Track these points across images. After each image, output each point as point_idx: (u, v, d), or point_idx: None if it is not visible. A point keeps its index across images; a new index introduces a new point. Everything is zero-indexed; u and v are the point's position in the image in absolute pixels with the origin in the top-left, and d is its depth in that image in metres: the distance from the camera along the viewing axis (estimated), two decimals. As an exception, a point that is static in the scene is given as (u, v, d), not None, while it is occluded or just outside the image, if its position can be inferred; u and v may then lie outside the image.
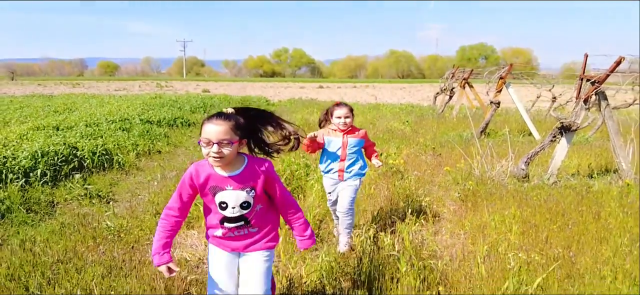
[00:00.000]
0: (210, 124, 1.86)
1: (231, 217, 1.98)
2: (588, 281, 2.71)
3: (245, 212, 1.98)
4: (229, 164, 1.93)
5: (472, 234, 3.62)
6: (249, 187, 1.95)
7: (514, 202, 4.18)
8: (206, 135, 1.85)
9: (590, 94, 5.24)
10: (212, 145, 1.83)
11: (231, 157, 1.90)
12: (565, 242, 3.30)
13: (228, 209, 1.96)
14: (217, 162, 1.87)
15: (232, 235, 2.02)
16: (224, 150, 1.85)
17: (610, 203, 4.15)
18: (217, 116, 1.89)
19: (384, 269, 2.80)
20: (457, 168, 5.39)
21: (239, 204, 1.96)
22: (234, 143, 1.87)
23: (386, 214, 4.16)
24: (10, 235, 3.67)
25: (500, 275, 2.68)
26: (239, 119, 1.93)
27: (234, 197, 1.94)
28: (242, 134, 1.94)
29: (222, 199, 1.95)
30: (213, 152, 1.83)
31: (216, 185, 1.94)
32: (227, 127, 1.85)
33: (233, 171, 1.94)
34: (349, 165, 3.38)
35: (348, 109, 3.36)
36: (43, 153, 5.51)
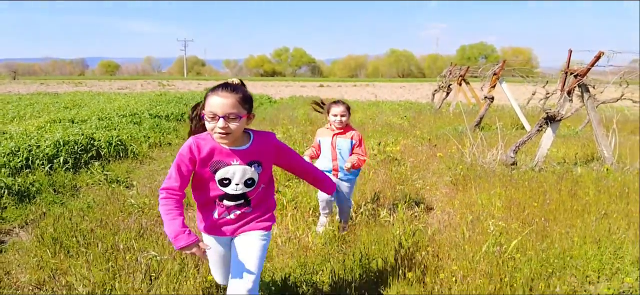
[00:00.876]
0: (215, 95, 1.69)
1: (232, 194, 1.83)
2: (558, 243, 3.11)
3: (248, 190, 1.85)
4: (236, 140, 1.78)
5: (460, 210, 4.02)
6: (257, 163, 1.82)
7: (500, 184, 4.58)
8: (211, 108, 1.68)
9: (574, 87, 5.64)
10: (218, 120, 1.66)
11: (238, 133, 1.74)
12: (543, 215, 3.70)
13: (230, 186, 1.81)
14: (223, 138, 1.71)
15: (228, 216, 1.88)
16: (230, 126, 1.68)
17: (588, 184, 4.55)
18: (223, 87, 1.72)
19: (379, 236, 3.20)
20: (449, 154, 5.79)
21: (244, 181, 1.82)
22: (242, 117, 1.71)
23: (383, 194, 4.56)
24: (45, 212, 4.08)
25: (481, 238, 3.08)
26: (247, 91, 1.78)
27: (239, 173, 1.79)
28: (250, 108, 1.78)
29: (224, 175, 1.79)
30: (219, 128, 1.67)
31: (220, 160, 1.78)
32: (234, 100, 1.68)
33: (240, 145, 1.80)
34: (342, 167, 3.39)
35: (344, 107, 3.40)
36: (64, 142, 5.91)
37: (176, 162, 1.79)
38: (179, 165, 1.78)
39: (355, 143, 3.42)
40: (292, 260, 2.90)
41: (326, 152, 3.44)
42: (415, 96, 25.58)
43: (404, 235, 3.05)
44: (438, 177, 5.49)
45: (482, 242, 3.04)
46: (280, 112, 12.76)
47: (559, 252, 3.00)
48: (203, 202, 1.88)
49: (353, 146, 3.42)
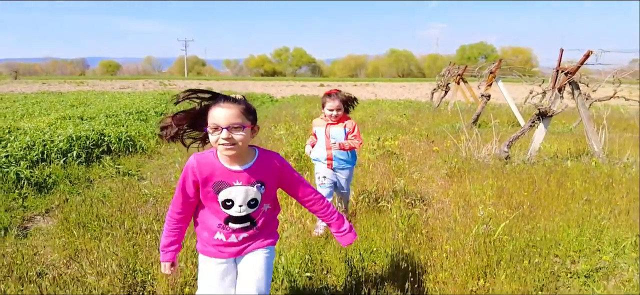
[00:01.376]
0: (217, 107, 1.66)
1: (237, 216, 1.77)
2: (542, 226, 3.37)
3: (252, 210, 1.79)
4: (240, 156, 1.72)
5: (454, 199, 4.27)
6: (259, 183, 1.76)
7: (492, 176, 4.84)
8: (213, 120, 1.65)
9: (564, 84, 5.90)
10: (221, 131, 1.62)
11: (245, 145, 1.69)
12: (531, 202, 3.96)
13: (234, 207, 1.75)
14: (229, 150, 1.65)
15: (235, 239, 1.82)
16: (235, 136, 1.64)
17: (575, 176, 4.81)
18: (225, 99, 1.69)
19: (378, 220, 3.45)
20: (445, 149, 6.05)
21: (247, 202, 1.76)
22: (246, 127, 1.66)
23: (382, 185, 4.81)
24: (63, 202, 4.34)
25: (471, 221, 3.34)
26: (250, 104, 1.74)
27: (242, 194, 1.74)
28: (254, 119, 1.74)
29: (227, 196, 1.74)
30: (222, 139, 1.63)
31: (222, 180, 1.72)
32: (237, 110, 1.65)
33: (243, 164, 1.73)
34: (336, 155, 3.46)
35: (339, 102, 3.41)
36: (76, 137, 6.18)
37: (180, 183, 1.77)
38: (183, 187, 1.76)
39: (348, 130, 3.46)
40: (298, 240, 3.16)
41: (321, 141, 3.51)
42: (414, 95, 25.83)
43: (400, 219, 3.31)
44: (434, 170, 5.74)
45: (472, 225, 3.30)
46: (282, 110, 13.02)
47: (543, 234, 3.26)
48: (208, 224, 1.81)
49: (347, 134, 3.46)
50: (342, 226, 1.95)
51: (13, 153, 5.25)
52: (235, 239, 1.81)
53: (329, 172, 3.49)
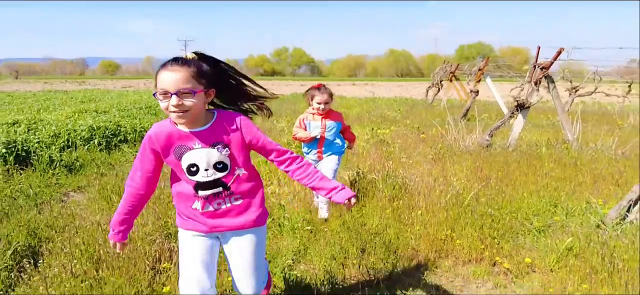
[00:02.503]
0: (164, 70, 1.54)
1: (205, 181, 1.66)
2: (508, 194, 3.98)
3: (222, 175, 1.67)
4: (195, 120, 1.61)
5: (436, 176, 4.88)
6: (221, 144, 1.65)
7: (472, 159, 5.45)
8: (162, 85, 1.53)
9: (540, 78, 6.50)
10: (170, 97, 1.51)
11: (197, 111, 1.58)
12: (500, 178, 4.56)
13: (200, 173, 1.65)
14: (181, 118, 1.55)
15: (211, 208, 1.70)
16: (185, 102, 1.52)
17: (546, 158, 5.42)
18: (173, 61, 1.56)
19: (367, 189, 4.05)
20: (431, 136, 6.66)
21: (212, 165, 1.65)
22: (197, 93, 1.54)
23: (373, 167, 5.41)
24: (99, 175, 4.94)
25: (446, 189, 3.94)
26: (202, 65, 1.61)
27: (204, 157, 1.63)
28: (208, 83, 1.62)
29: (190, 161, 1.64)
30: (172, 105, 1.51)
31: (181, 144, 1.63)
32: (186, 74, 1.53)
33: (199, 126, 1.63)
34: (328, 146, 3.61)
35: (328, 95, 3.51)
36: (96, 127, 6.77)
37: (137, 156, 1.69)
38: (141, 159, 1.68)
39: (342, 125, 3.65)
40: (300, 204, 3.76)
41: (315, 134, 3.56)
42: (411, 94, 26.45)
43: (386, 188, 3.91)
44: (422, 156, 6.35)
45: (445, 192, 3.90)
46: (282, 106, 13.61)
47: (507, 200, 3.86)
48: (182, 196, 1.72)
49: (342, 128, 3.66)
50: (332, 184, 1.78)
51: (43, 140, 5.84)
52: (211, 206, 1.70)
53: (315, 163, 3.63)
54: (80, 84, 42.59)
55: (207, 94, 1.62)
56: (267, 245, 2.89)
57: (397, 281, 2.72)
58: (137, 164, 1.69)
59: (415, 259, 2.99)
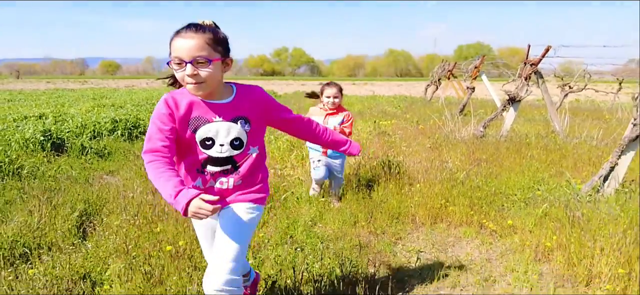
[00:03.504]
0: (178, 37, 1.45)
1: (217, 157, 1.58)
2: (496, 173, 4.50)
3: (236, 153, 1.60)
4: (216, 92, 1.55)
5: (433, 159, 5.40)
6: (243, 119, 1.58)
7: (466, 146, 5.97)
8: (176, 53, 1.45)
9: (530, 74, 7.03)
10: (185, 66, 1.43)
11: (214, 82, 1.50)
12: (490, 161, 5.09)
13: (214, 147, 1.57)
14: (197, 88, 1.47)
15: (214, 184, 1.63)
16: (201, 73, 1.44)
17: (533, 146, 5.95)
18: (188, 27, 1.46)
19: (372, 174, 4.57)
20: (429, 127, 7.19)
21: (230, 141, 1.58)
22: (213, 61, 1.46)
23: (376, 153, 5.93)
24: (123, 165, 5.45)
25: (441, 169, 4.46)
26: (218, 32, 1.51)
27: (223, 131, 1.56)
28: (225, 51, 1.53)
29: (207, 134, 1.55)
30: (187, 75, 1.44)
31: (200, 115, 1.53)
32: (202, 41, 1.44)
33: (222, 99, 1.57)
34: None
35: (337, 89, 3.64)
36: (118, 120, 7.29)
37: (153, 122, 1.52)
38: (158, 125, 1.51)
39: (344, 120, 3.72)
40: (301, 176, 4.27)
41: None
42: (411, 93, 26.98)
43: (387, 167, 4.43)
44: (421, 146, 6.87)
45: (441, 172, 4.42)
46: (287, 102, 14.14)
47: (494, 178, 4.38)
48: (185, 170, 1.62)
49: (342, 123, 3.71)
50: (343, 141, 2.01)
51: (73, 130, 6.36)
52: (214, 184, 1.61)
53: (323, 158, 3.75)
54: (83, 83, 43.07)
55: (224, 63, 1.53)
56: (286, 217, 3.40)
57: (400, 238, 3.25)
58: (152, 130, 1.51)
59: (415, 223, 3.51)
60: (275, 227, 3.26)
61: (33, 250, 2.71)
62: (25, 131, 5.60)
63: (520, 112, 11.24)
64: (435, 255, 3.00)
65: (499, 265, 2.85)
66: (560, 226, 3.02)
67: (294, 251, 2.82)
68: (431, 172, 4.43)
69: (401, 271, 2.76)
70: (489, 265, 2.85)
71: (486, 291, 2.53)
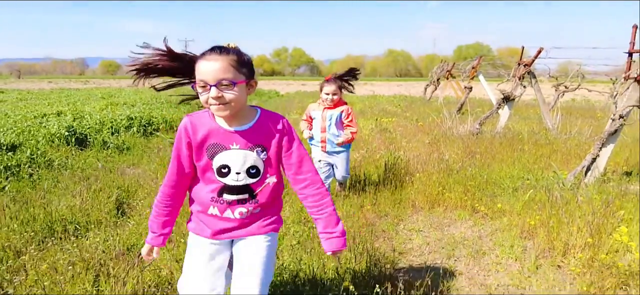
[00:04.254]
0: (203, 60, 1.46)
1: (233, 186, 1.58)
2: (488, 164, 4.90)
3: (252, 181, 1.59)
4: (237, 116, 1.54)
5: (432, 155, 5.80)
6: (260, 147, 1.57)
7: (463, 142, 6.38)
8: (200, 76, 1.46)
9: (523, 73, 7.43)
10: (210, 89, 1.44)
11: (239, 103, 1.49)
12: (484, 153, 5.49)
13: (231, 175, 1.56)
14: (221, 110, 1.47)
15: (230, 215, 1.61)
16: (226, 95, 1.45)
17: (525, 140, 6.35)
18: (212, 50, 1.47)
19: (374, 161, 4.97)
20: (428, 123, 7.59)
21: (246, 170, 1.56)
22: (238, 83, 1.46)
23: (378, 148, 6.34)
24: (142, 159, 5.85)
25: (439, 161, 4.87)
26: (243, 54, 1.52)
27: (240, 159, 1.55)
28: (249, 73, 1.52)
29: (223, 162, 1.55)
30: (212, 98, 1.44)
31: (217, 142, 1.54)
32: (226, 64, 1.44)
33: (242, 125, 1.55)
34: (332, 137, 3.71)
35: (336, 86, 3.64)
36: (133, 117, 7.69)
37: (173, 151, 1.60)
38: (177, 154, 1.58)
39: (344, 116, 3.71)
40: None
41: (317, 125, 3.74)
42: (410, 93, 27.39)
43: (389, 161, 4.83)
44: (420, 142, 7.28)
45: (439, 163, 4.82)
46: (289, 102, 14.54)
47: (487, 169, 4.79)
48: (200, 197, 1.62)
49: (342, 119, 3.73)
50: (333, 227, 1.64)
51: (92, 126, 6.75)
52: (231, 214, 1.60)
53: (324, 156, 3.78)
54: (85, 82, 43.42)
55: (249, 85, 1.52)
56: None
57: (401, 220, 3.65)
58: (173, 160, 1.60)
59: (415, 207, 3.92)
60: (291, 208, 3.65)
61: (82, 226, 3.11)
62: (51, 127, 5.99)
63: (517, 110, 11.68)
64: (432, 233, 3.40)
65: (489, 241, 3.25)
66: (542, 207, 3.42)
67: (309, 229, 3.21)
68: (429, 163, 4.83)
69: (402, 245, 3.16)
70: (479, 241, 3.25)
71: (477, 262, 2.93)
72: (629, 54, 4.35)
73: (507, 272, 2.78)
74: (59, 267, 2.35)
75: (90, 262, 2.39)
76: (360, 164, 5.15)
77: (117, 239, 2.80)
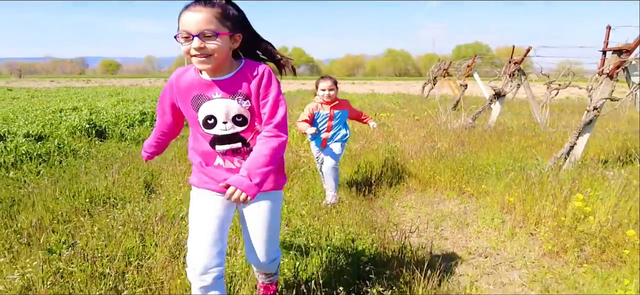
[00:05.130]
0: (187, 11, 1.44)
1: (223, 135, 1.58)
2: (475, 153, 5.37)
3: (241, 129, 1.59)
4: (220, 67, 1.52)
5: (425, 145, 6.27)
6: (241, 96, 1.54)
7: (454, 134, 6.85)
8: (183, 27, 1.43)
9: (514, 71, 7.90)
10: (192, 39, 1.42)
11: (222, 56, 1.47)
12: (473, 143, 5.95)
13: (217, 125, 1.57)
14: (204, 62, 1.45)
15: (232, 165, 1.62)
16: (208, 46, 1.42)
17: (514, 133, 6.82)
18: (197, 1, 1.45)
19: (371, 153, 5.43)
20: (424, 118, 8.05)
21: (231, 118, 1.56)
22: (221, 35, 1.44)
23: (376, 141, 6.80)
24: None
25: (432, 149, 5.33)
26: (228, 7, 1.49)
27: (222, 108, 1.54)
28: (234, 27, 1.50)
29: (208, 112, 1.55)
30: (194, 48, 1.42)
31: (200, 93, 1.54)
32: (210, 15, 1.43)
33: (222, 75, 1.54)
34: (333, 135, 3.76)
35: (332, 82, 3.62)
36: (145, 112, 8.15)
37: (158, 105, 1.68)
38: (161, 105, 1.68)
39: (348, 112, 3.83)
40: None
41: (322, 124, 3.70)
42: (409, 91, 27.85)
43: (386, 150, 5.30)
44: (416, 136, 7.74)
45: (430, 151, 5.29)
46: (294, 100, 14.99)
47: (476, 156, 5.26)
48: (203, 150, 1.65)
49: (350, 115, 3.86)
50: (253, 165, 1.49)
51: (110, 120, 7.21)
52: (232, 164, 1.62)
53: (322, 150, 3.85)
54: (87, 82, 43.85)
55: (232, 39, 1.51)
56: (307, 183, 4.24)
57: (396, 198, 4.12)
58: (159, 107, 1.72)
59: (408, 189, 4.38)
60: (299, 189, 4.11)
61: (118, 200, 3.58)
62: (72, 121, 6.45)
63: (511, 107, 12.15)
64: (423, 209, 3.87)
65: (473, 215, 3.72)
66: (520, 186, 3.88)
67: (319, 204, 3.67)
68: (423, 151, 5.30)
69: (397, 218, 3.63)
70: (464, 215, 3.72)
71: (461, 231, 3.39)
72: (603, 52, 4.81)
73: (487, 238, 3.25)
74: (109, 230, 2.82)
75: (136, 224, 2.85)
76: (361, 153, 5.62)
77: (152, 209, 3.26)
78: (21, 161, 4.76)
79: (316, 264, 2.41)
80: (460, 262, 2.84)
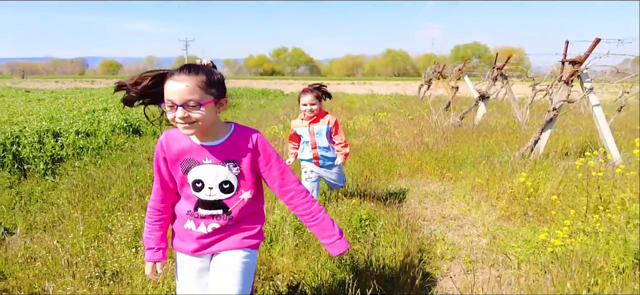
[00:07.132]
0: (172, 80, 1.45)
1: (206, 200, 1.59)
2: (458, 146, 6.38)
3: (226, 197, 1.60)
4: (209, 132, 1.54)
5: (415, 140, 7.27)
6: (231, 162, 1.56)
7: (442, 131, 7.86)
8: (168, 96, 1.44)
9: (497, 75, 8.90)
10: (176, 109, 1.43)
11: (207, 123, 1.48)
12: (457, 139, 6.97)
13: (204, 190, 1.58)
14: (188, 129, 1.47)
15: (204, 229, 1.63)
16: (192, 115, 1.43)
17: (496, 130, 7.84)
18: (181, 70, 1.46)
19: (370, 146, 6.44)
20: (417, 116, 9.07)
21: (218, 184, 1.57)
22: (204, 104, 1.44)
23: (374, 138, 7.80)
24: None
25: (420, 143, 6.34)
26: (214, 73, 1.51)
27: (212, 174, 1.56)
28: (219, 92, 1.52)
29: (197, 176, 1.57)
30: (178, 118, 1.43)
31: (191, 157, 1.56)
32: (193, 84, 1.43)
33: (214, 140, 1.55)
34: (324, 151, 3.54)
35: (313, 96, 3.38)
36: (168, 112, 9.15)
37: (154, 167, 1.65)
38: (157, 169, 1.64)
39: (331, 128, 3.51)
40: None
41: (305, 140, 3.54)
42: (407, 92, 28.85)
43: (383, 144, 6.31)
44: (410, 133, 8.75)
45: (422, 146, 6.30)
46: (293, 100, 16.01)
47: (456, 150, 6.27)
48: (179, 211, 1.67)
49: (330, 132, 3.52)
50: (330, 231, 1.68)
51: (141, 119, 8.21)
52: (205, 228, 1.63)
53: (316, 168, 3.62)
54: (92, 82, 44.81)
55: (218, 104, 1.53)
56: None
57: (390, 182, 5.13)
58: (154, 175, 1.67)
59: (400, 175, 5.39)
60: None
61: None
62: (111, 120, 7.44)
63: (499, 108, 13.15)
64: (411, 190, 4.88)
65: (449, 193, 4.73)
66: (486, 170, 4.90)
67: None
68: (413, 145, 6.32)
69: (390, 195, 4.64)
70: (443, 193, 4.73)
71: (439, 204, 4.40)
72: (562, 62, 5.81)
73: (458, 209, 4.26)
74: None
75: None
76: (361, 147, 6.62)
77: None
78: (79, 154, 5.75)
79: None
80: (435, 222, 3.85)
